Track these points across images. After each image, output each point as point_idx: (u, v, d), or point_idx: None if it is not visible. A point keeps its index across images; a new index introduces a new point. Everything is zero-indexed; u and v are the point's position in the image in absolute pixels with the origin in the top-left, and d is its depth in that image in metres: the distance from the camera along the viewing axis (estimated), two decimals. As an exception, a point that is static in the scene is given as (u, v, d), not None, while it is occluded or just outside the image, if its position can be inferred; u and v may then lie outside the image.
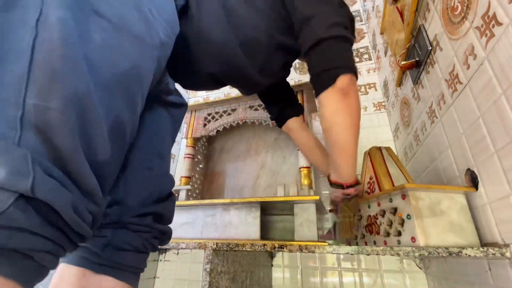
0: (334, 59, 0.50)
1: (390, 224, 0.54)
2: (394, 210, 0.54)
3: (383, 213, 0.57)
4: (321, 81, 0.51)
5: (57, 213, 0.26)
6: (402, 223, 0.51)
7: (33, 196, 0.24)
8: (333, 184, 0.62)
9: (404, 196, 0.51)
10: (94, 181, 0.30)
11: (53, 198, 0.25)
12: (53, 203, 0.25)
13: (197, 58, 0.58)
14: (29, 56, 0.27)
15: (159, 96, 0.53)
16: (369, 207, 0.62)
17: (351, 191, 0.60)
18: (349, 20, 0.55)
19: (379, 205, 0.58)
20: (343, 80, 0.49)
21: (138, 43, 0.38)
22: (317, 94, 0.52)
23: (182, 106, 0.60)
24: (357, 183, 0.60)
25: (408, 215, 0.50)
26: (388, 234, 0.55)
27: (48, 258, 0.28)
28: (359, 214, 0.66)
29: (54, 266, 0.29)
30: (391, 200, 0.55)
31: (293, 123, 0.79)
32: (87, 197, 0.30)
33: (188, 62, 0.58)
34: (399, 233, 0.52)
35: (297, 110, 0.80)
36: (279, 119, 0.81)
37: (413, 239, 0.48)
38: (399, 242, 0.51)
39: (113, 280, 0.41)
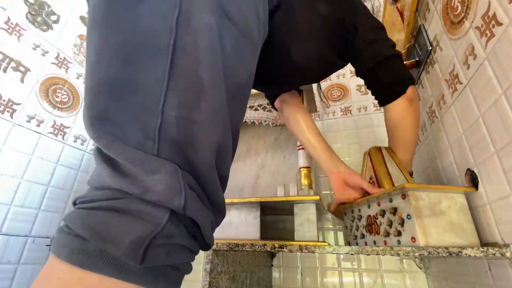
0: (403, 73, 0.57)
1: (390, 224, 0.54)
2: (394, 210, 0.54)
3: (383, 213, 0.57)
4: (392, 91, 0.57)
5: (199, 227, 0.26)
6: (402, 223, 0.51)
7: (184, 214, 0.23)
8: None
9: (404, 196, 0.51)
10: (222, 196, 0.29)
11: (198, 216, 0.25)
12: (198, 220, 0.25)
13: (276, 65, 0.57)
14: (169, 59, 0.24)
15: None
16: (369, 207, 0.62)
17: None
18: None
19: (379, 205, 0.58)
20: (411, 90, 0.56)
21: (255, 51, 0.36)
22: (387, 102, 0.59)
23: None
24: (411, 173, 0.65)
25: (408, 215, 0.50)
26: (388, 234, 0.54)
27: (189, 268, 0.28)
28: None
29: (189, 271, 0.29)
30: (391, 200, 0.55)
31: (288, 95, 0.74)
32: (217, 212, 0.29)
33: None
34: (399, 233, 0.52)
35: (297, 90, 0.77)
36: (273, 96, 0.76)
37: (413, 239, 0.48)
38: (399, 242, 0.51)
39: None
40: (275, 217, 0.95)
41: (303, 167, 0.80)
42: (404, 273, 0.86)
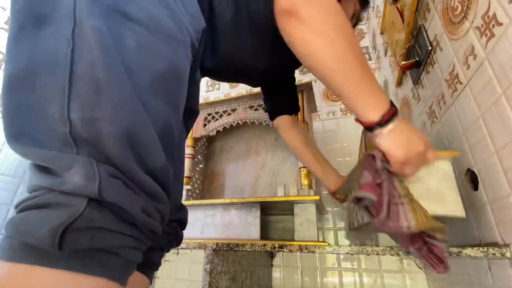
0: None
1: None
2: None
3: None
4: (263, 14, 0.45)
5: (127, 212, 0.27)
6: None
7: (102, 199, 0.24)
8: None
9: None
10: (154, 184, 0.30)
11: (120, 199, 0.26)
12: (121, 203, 0.26)
13: (234, 52, 0.52)
14: (68, 69, 0.26)
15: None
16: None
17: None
18: None
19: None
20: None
21: (171, 42, 0.36)
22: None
23: (195, 114, 0.59)
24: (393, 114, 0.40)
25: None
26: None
27: (132, 253, 0.29)
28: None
29: (139, 259, 0.30)
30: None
31: (282, 120, 0.77)
32: (153, 198, 0.30)
33: (222, 53, 0.51)
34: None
35: (291, 108, 0.78)
36: (271, 112, 0.78)
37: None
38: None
39: (140, 275, 0.44)
40: (275, 217, 0.96)
41: (303, 167, 0.80)
42: (404, 273, 0.86)
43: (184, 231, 0.76)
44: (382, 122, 0.39)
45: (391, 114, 0.39)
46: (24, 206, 0.24)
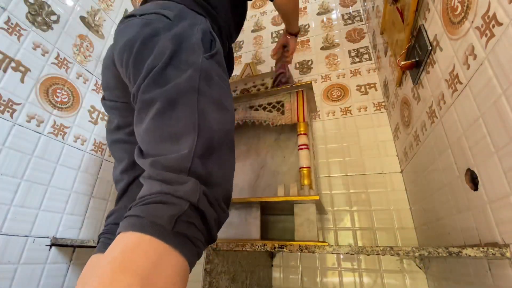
0: None
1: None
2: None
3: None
4: None
5: (207, 220, 0.39)
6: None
7: (197, 206, 0.38)
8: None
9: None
10: (225, 208, 0.45)
11: (206, 210, 0.39)
12: (206, 213, 0.39)
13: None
14: (195, 135, 0.43)
15: None
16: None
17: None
18: None
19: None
20: None
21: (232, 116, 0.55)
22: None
23: None
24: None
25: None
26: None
27: (202, 248, 0.40)
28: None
29: (200, 255, 0.41)
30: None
31: None
32: (222, 211, 0.43)
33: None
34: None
35: None
36: None
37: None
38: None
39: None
40: (275, 217, 0.96)
41: (303, 167, 0.80)
42: (404, 273, 0.86)
43: None
44: (298, 34, 1.01)
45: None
46: (151, 201, 0.37)
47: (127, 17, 0.60)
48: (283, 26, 1.57)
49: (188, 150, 0.42)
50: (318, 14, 1.51)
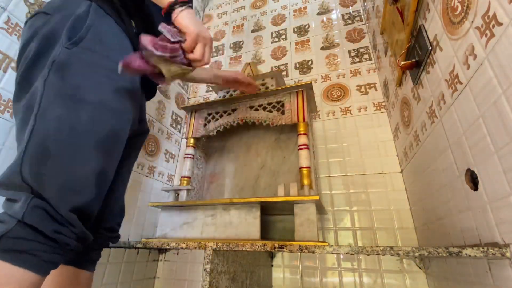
0: None
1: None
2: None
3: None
4: None
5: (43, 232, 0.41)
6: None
7: (23, 222, 0.39)
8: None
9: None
10: (72, 216, 0.43)
11: (36, 223, 0.40)
12: (38, 226, 0.40)
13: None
14: (25, 143, 0.42)
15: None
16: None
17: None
18: None
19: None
20: None
21: (115, 115, 0.51)
22: None
23: (144, 134, 0.73)
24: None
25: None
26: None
27: (47, 256, 0.41)
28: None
29: (58, 260, 0.43)
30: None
31: None
32: (70, 225, 0.43)
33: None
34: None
35: None
36: None
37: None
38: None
39: (81, 271, 0.57)
40: (275, 217, 0.96)
41: (303, 167, 0.80)
42: (404, 273, 0.86)
43: (184, 231, 0.79)
44: (178, 2, 0.53)
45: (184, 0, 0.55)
46: None
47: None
48: (283, 26, 1.57)
49: (15, 162, 0.42)
50: (318, 14, 1.51)
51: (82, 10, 0.53)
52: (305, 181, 0.77)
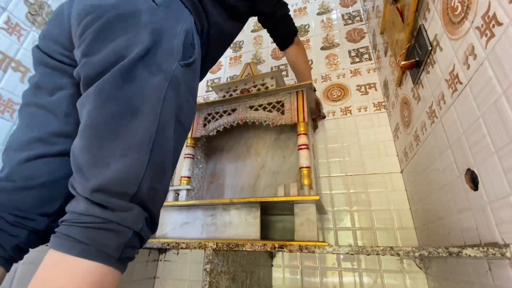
0: (294, 27, 0.93)
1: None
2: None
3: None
4: (288, 40, 0.94)
5: (144, 239, 0.43)
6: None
7: (139, 233, 0.40)
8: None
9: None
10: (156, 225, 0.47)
11: (145, 235, 0.42)
12: (145, 237, 0.42)
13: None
14: (148, 155, 0.41)
15: None
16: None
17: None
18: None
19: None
20: (297, 38, 0.95)
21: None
22: (285, 48, 0.95)
23: None
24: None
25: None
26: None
27: (134, 257, 0.43)
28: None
29: (133, 259, 0.44)
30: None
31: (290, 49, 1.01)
32: (152, 231, 0.46)
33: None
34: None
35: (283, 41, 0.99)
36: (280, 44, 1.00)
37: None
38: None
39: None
40: (275, 217, 0.95)
41: (303, 167, 0.80)
42: (404, 273, 0.86)
43: (184, 231, 0.78)
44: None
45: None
46: (94, 226, 0.36)
47: None
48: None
49: (136, 173, 0.40)
50: (318, 14, 1.51)
51: (189, 24, 0.53)
52: (305, 181, 0.77)
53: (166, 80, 0.45)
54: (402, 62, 0.73)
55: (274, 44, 1.52)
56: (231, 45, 1.66)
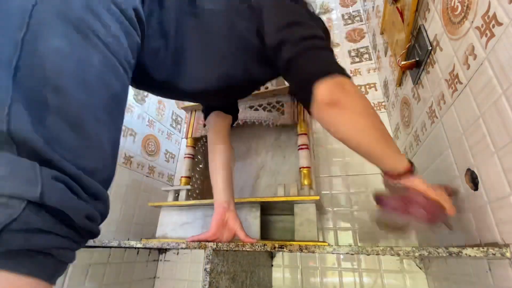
0: (305, 72, 0.43)
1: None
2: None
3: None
4: (302, 99, 0.47)
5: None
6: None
7: (42, 203, 0.25)
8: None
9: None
10: (97, 185, 0.31)
11: (62, 204, 0.26)
12: (64, 208, 0.26)
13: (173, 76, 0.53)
14: (12, 74, 0.26)
15: None
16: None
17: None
18: (323, 30, 0.53)
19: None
20: (322, 89, 0.41)
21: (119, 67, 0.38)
22: (308, 109, 0.46)
23: None
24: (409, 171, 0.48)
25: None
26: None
27: (65, 253, 0.29)
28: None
29: (72, 260, 0.30)
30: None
31: (213, 119, 0.77)
32: (96, 199, 0.31)
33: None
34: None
35: (229, 110, 0.77)
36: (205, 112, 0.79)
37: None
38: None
39: None
40: (275, 217, 0.95)
41: (303, 167, 0.80)
42: (404, 273, 0.86)
43: (184, 231, 0.77)
44: (413, 171, 0.49)
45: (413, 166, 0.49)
46: None
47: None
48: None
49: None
50: (318, 14, 1.51)
51: None
52: (305, 181, 0.77)
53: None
54: (402, 62, 0.73)
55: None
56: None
